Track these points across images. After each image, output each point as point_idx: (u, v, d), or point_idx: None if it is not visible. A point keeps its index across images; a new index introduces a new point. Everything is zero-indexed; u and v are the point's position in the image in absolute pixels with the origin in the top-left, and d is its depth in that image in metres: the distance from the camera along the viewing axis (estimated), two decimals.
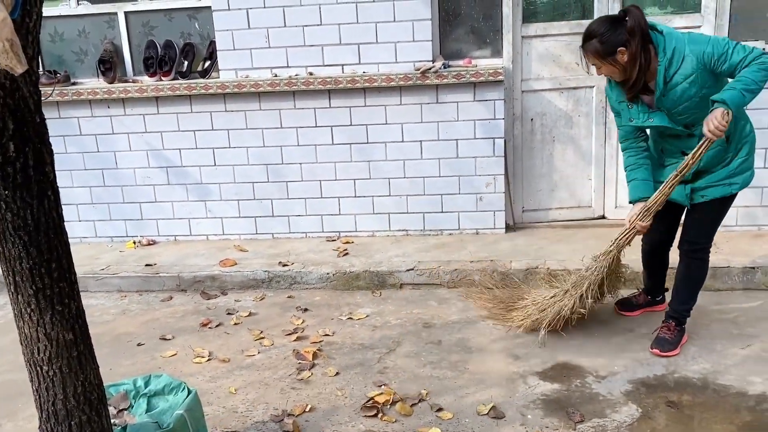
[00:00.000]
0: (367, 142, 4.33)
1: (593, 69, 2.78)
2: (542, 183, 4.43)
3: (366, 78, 4.16)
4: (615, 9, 4.06)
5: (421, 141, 4.29)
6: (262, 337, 3.34)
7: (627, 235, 2.88)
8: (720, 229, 4.11)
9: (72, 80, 4.54)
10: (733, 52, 2.49)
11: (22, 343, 1.75)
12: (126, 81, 4.50)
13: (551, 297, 3.08)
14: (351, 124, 4.31)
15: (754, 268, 3.59)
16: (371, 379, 2.86)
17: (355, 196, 4.44)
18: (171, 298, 3.98)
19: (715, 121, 2.46)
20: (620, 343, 3.07)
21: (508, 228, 4.42)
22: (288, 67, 4.27)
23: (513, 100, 4.28)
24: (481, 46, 4.26)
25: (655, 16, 4.08)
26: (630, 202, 2.86)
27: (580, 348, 3.04)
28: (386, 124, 4.29)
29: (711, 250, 2.94)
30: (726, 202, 2.81)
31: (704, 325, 3.20)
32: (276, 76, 4.27)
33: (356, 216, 4.48)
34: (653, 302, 3.34)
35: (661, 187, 2.74)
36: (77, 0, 4.48)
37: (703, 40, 2.54)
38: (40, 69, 4.47)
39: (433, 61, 4.16)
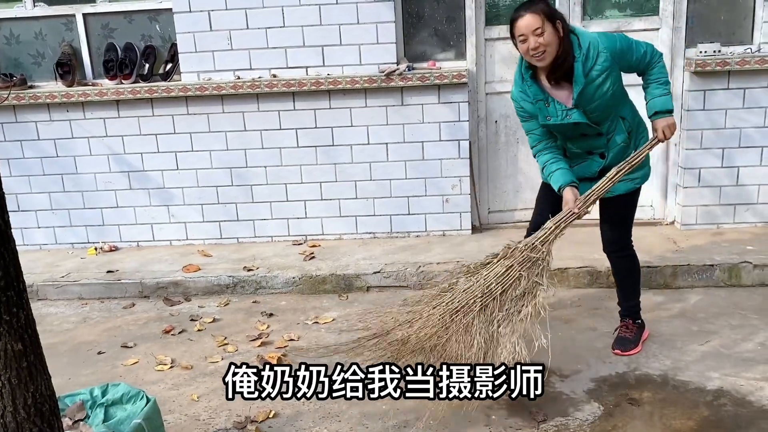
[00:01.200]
0: (333, 145, 4.31)
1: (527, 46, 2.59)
2: (507, 184, 4.46)
3: (330, 80, 4.14)
4: (576, 12, 4.12)
5: (386, 143, 4.29)
6: (226, 343, 3.30)
7: (568, 220, 2.68)
8: (680, 227, 4.23)
9: (29, 83, 4.43)
10: (636, 46, 2.67)
11: None
12: (85, 84, 4.41)
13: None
14: (316, 127, 4.29)
15: (712, 265, 3.66)
16: None
17: (322, 199, 4.42)
18: (133, 305, 3.90)
19: (672, 128, 2.70)
20: (584, 342, 3.11)
21: (474, 229, 4.44)
22: (251, 69, 4.23)
23: (477, 102, 4.30)
24: (445, 48, 4.27)
25: (615, 19, 4.15)
26: (558, 189, 2.74)
27: (545, 347, 3.06)
28: (351, 126, 4.27)
29: (634, 245, 3.01)
30: (632, 196, 2.88)
31: (665, 322, 3.25)
32: (239, 78, 4.23)
33: (323, 219, 4.45)
34: None
35: (609, 174, 2.68)
36: (33, 1, 4.38)
37: (611, 38, 2.64)
38: None
39: (398, 63, 4.17)
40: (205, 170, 4.41)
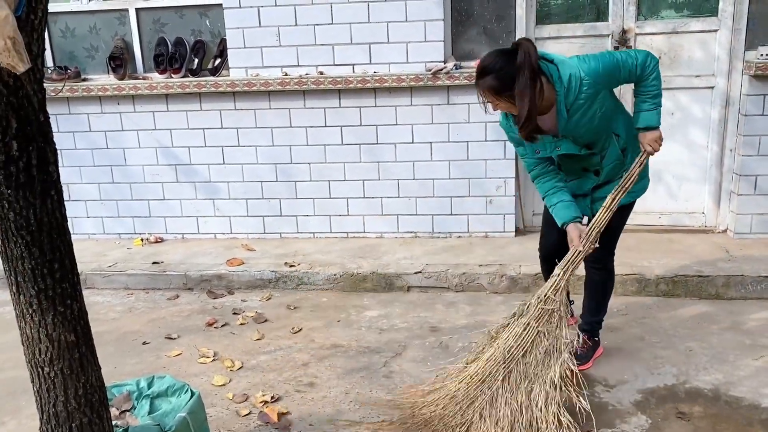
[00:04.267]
0: (377, 143, 4.30)
1: (490, 108, 2.56)
2: None
3: (377, 78, 4.12)
4: (631, 11, 4.01)
5: (431, 142, 4.26)
6: (268, 338, 3.32)
7: (576, 260, 2.59)
8: (733, 236, 4.08)
9: (82, 76, 4.53)
10: (624, 62, 2.49)
11: (23, 344, 1.73)
12: (136, 78, 4.49)
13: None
14: (361, 125, 4.28)
15: None
16: (377, 383, 2.83)
17: (364, 197, 4.41)
18: (177, 296, 3.96)
19: (659, 141, 2.58)
20: (630, 352, 3.02)
21: (518, 232, 4.37)
22: (298, 66, 4.25)
23: None
24: (494, 47, 4.19)
25: (671, 20, 4.02)
26: (561, 225, 2.67)
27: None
28: (396, 124, 4.25)
29: (616, 260, 2.91)
30: (626, 210, 2.77)
31: (716, 334, 3.14)
32: (286, 75, 4.24)
33: (364, 217, 4.45)
34: None
35: (605, 203, 2.61)
36: None
37: (590, 59, 2.49)
38: (51, 65, 4.50)
39: (445, 61, 4.12)
40: (251, 165, 4.45)
